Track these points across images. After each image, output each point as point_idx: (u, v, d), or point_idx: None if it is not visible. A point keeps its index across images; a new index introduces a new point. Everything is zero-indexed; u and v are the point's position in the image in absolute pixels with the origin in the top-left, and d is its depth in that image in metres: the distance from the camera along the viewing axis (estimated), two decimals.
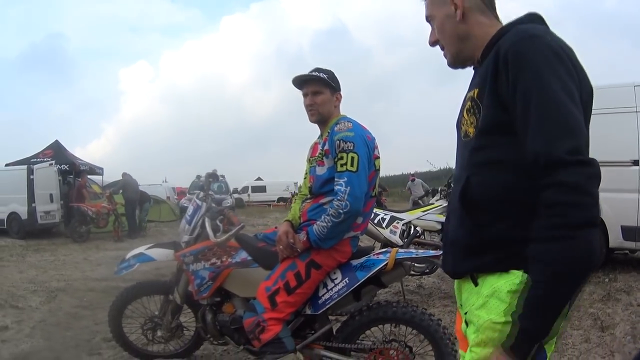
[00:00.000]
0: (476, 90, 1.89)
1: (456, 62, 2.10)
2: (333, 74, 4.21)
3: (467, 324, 1.96)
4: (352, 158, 3.77)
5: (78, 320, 7.51)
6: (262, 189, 54.81)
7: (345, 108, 4.24)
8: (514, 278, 1.77)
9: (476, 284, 1.91)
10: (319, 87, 4.11)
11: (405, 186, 30.72)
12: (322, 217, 3.78)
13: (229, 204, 23.14)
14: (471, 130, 1.91)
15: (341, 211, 3.68)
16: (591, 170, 1.59)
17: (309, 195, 4.21)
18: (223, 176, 29.32)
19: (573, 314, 6.27)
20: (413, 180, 27.28)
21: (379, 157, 4.07)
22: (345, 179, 3.73)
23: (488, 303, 1.82)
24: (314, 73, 4.15)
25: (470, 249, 1.90)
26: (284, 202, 47.34)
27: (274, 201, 49.77)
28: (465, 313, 1.97)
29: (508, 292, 1.77)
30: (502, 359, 1.69)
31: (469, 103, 1.94)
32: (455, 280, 2.10)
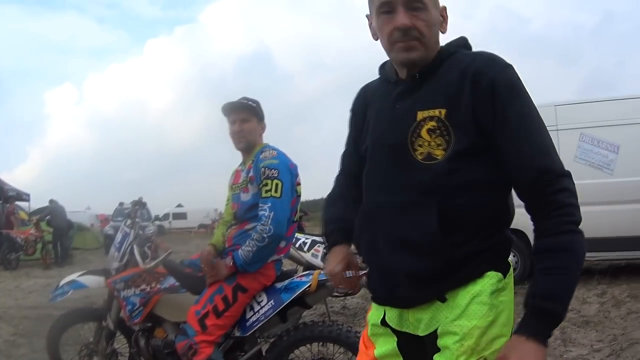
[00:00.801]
0: (443, 111, 1.93)
1: (416, 63, 2.02)
2: (260, 104, 4.37)
3: (434, 341, 1.96)
4: (277, 185, 3.94)
5: (17, 348, 7.43)
6: (183, 216, 54.49)
7: (268, 131, 4.40)
8: (491, 279, 1.92)
9: (444, 301, 1.95)
10: (247, 115, 4.25)
11: None
12: (247, 241, 3.91)
13: (151, 231, 23.03)
14: (438, 152, 1.93)
15: (265, 235, 3.83)
16: None
17: (233, 222, 4.36)
18: (144, 203, 29.14)
19: None
20: None
21: (300, 184, 4.26)
22: (269, 204, 3.90)
23: (467, 311, 1.89)
24: (243, 101, 4.28)
25: (439, 275, 1.94)
26: (205, 228, 46.98)
27: (195, 228, 49.43)
28: (433, 331, 1.96)
29: (491, 293, 1.90)
30: (529, 349, 1.72)
31: (431, 123, 1.95)
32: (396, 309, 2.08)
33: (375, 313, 2.19)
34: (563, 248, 1.79)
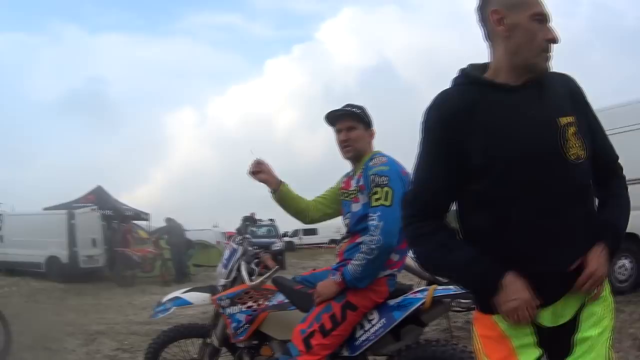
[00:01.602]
0: (573, 117, 2.17)
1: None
2: (365, 109, 4.17)
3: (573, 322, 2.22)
4: (387, 192, 3.71)
5: None
6: (313, 232, 54.56)
7: (394, 143, 4.18)
8: None
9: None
10: (353, 123, 4.06)
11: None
12: (356, 255, 3.71)
13: (278, 247, 23.16)
14: (582, 153, 2.15)
15: (373, 247, 3.62)
16: None
17: (344, 235, 4.16)
18: (272, 220, 29.26)
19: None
20: None
21: None
22: (379, 213, 3.68)
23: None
24: (347, 108, 4.10)
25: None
26: (336, 243, 46.94)
27: (325, 243, 49.38)
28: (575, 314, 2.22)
29: None
30: (606, 257, 2.21)
31: (572, 128, 2.15)
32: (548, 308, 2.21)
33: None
34: (627, 209, 2.38)
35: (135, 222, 26.60)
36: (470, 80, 2.27)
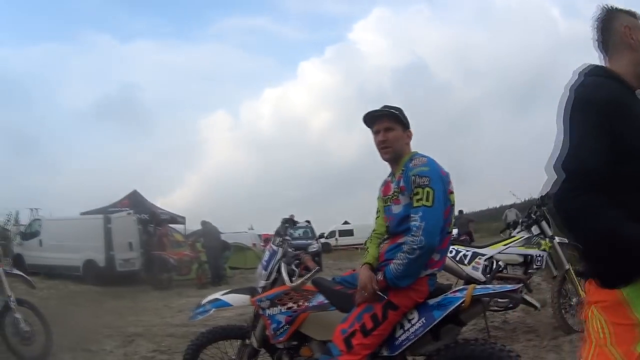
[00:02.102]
0: None
1: None
2: (402, 110, 4.17)
3: None
4: (428, 193, 3.72)
5: None
6: (349, 233, 54.48)
7: (430, 143, 4.18)
8: None
9: None
10: (390, 124, 4.07)
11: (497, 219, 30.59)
12: (398, 254, 3.73)
13: (315, 248, 23.18)
14: None
15: (415, 247, 3.63)
16: None
17: (386, 235, 4.17)
18: (308, 221, 29.25)
19: None
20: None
21: (453, 192, 4.01)
22: (421, 213, 3.69)
23: None
24: (384, 109, 4.12)
25: None
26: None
27: (361, 244, 49.11)
28: None
29: None
30: None
31: None
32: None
33: None
34: None
35: (171, 225, 26.75)
36: (610, 75, 2.53)
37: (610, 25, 2.65)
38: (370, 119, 4.15)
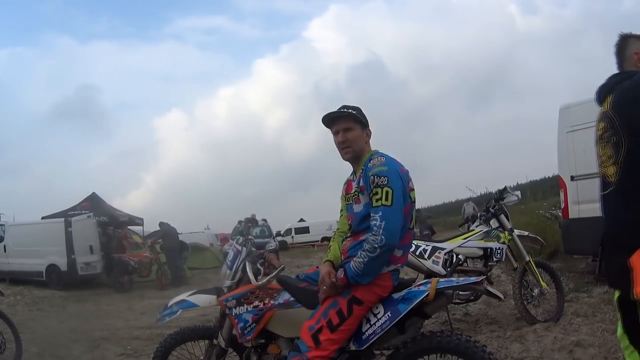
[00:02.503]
0: None
1: None
2: (361, 110, 4.22)
3: None
4: (387, 192, 3.77)
5: None
6: (305, 230, 54.62)
7: (386, 139, 4.23)
8: None
9: None
10: (349, 124, 4.11)
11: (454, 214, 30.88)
12: (359, 253, 3.79)
13: (272, 247, 23.20)
14: None
15: (376, 246, 3.68)
16: None
17: (349, 234, 4.22)
18: (265, 220, 29.30)
19: None
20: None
21: (413, 189, 4.06)
22: (380, 213, 3.74)
23: None
24: (342, 110, 4.15)
25: None
26: (328, 241, 46.65)
27: (317, 241, 49.31)
28: None
29: None
30: None
31: None
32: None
33: None
34: None
35: (130, 227, 26.58)
36: None
37: (624, 52, 3.11)
38: (329, 120, 4.19)
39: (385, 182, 3.80)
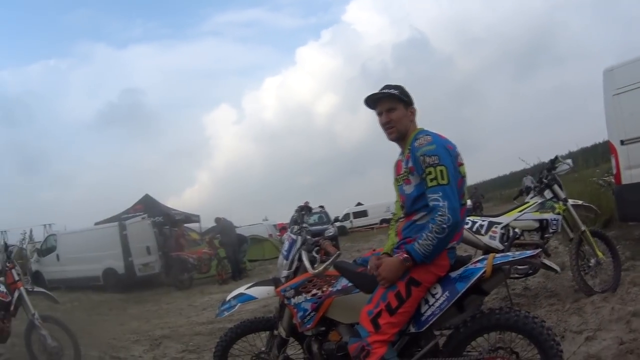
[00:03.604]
0: None
1: None
2: (403, 88, 4.19)
3: None
4: (441, 171, 3.75)
5: None
6: (363, 214, 54.65)
7: (435, 117, 4.18)
8: None
9: None
10: (392, 104, 4.10)
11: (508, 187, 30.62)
12: (424, 234, 3.74)
13: (331, 233, 23.24)
14: None
15: (445, 226, 3.67)
16: None
17: (401, 215, 4.20)
18: (322, 206, 29.28)
19: None
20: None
21: (463, 164, 4.03)
22: (441, 193, 3.72)
23: None
24: (384, 90, 4.14)
25: None
26: (387, 223, 46.50)
27: (377, 224, 49.44)
28: None
29: None
30: None
31: None
32: None
33: None
34: None
35: (187, 225, 26.85)
36: None
37: None
38: (371, 101, 4.19)
39: (437, 161, 3.77)
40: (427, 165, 3.79)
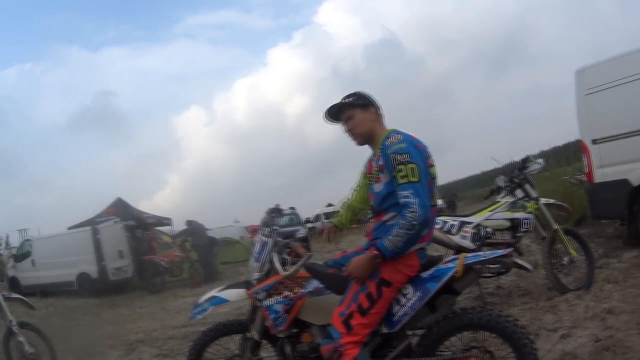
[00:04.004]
0: None
1: None
2: (360, 93, 4.26)
3: None
4: (412, 169, 3.75)
5: None
6: (334, 215, 54.56)
7: (407, 117, 4.20)
8: None
9: None
10: (349, 112, 4.18)
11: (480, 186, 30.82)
12: (394, 231, 3.73)
13: (302, 234, 23.20)
14: None
15: (415, 222, 3.65)
16: None
17: (370, 215, 4.21)
18: (293, 208, 29.29)
19: None
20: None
21: (434, 165, 4.04)
22: (412, 190, 3.71)
23: None
24: (337, 102, 4.24)
25: None
26: (357, 224, 46.78)
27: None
28: None
29: None
30: None
31: None
32: None
33: None
34: None
35: (158, 228, 26.73)
36: None
37: None
38: (332, 116, 4.29)
39: (408, 159, 3.77)
40: (398, 163, 3.79)
